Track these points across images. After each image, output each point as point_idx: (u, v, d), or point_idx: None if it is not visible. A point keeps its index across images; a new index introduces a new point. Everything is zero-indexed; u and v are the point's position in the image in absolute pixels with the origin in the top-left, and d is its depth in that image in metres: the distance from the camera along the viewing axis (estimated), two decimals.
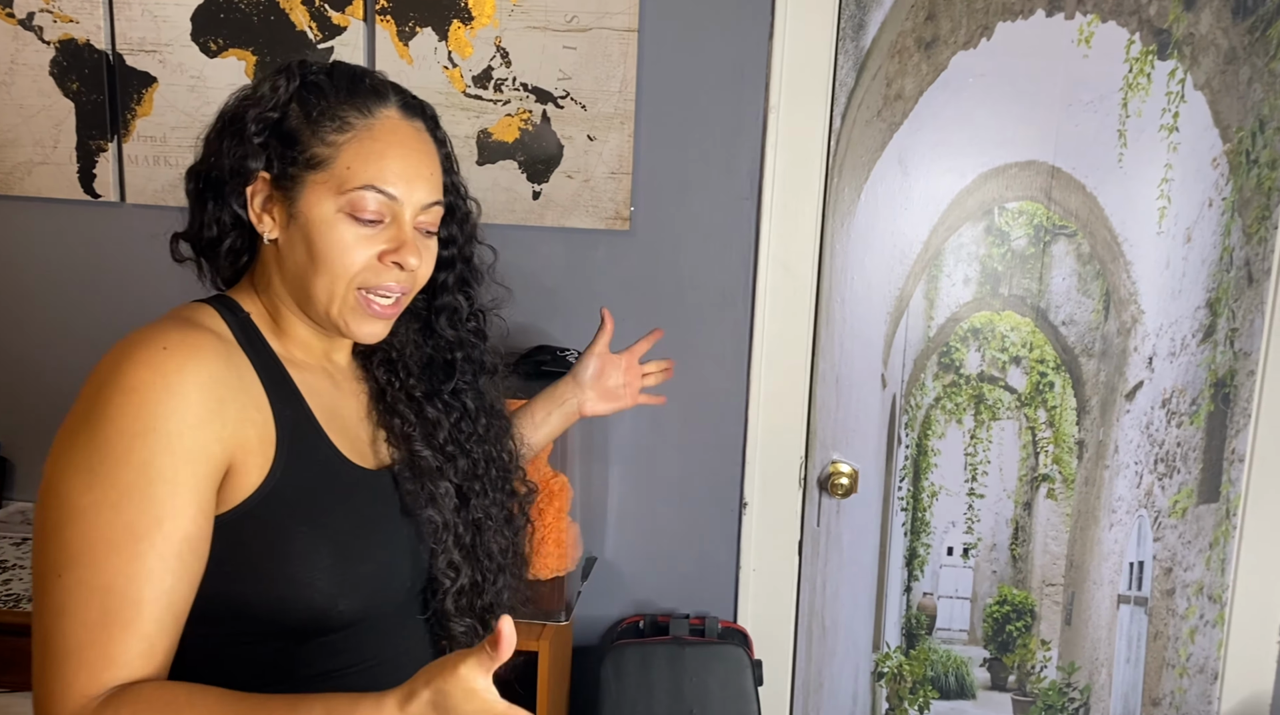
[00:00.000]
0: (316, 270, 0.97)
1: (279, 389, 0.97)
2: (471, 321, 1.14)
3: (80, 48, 1.93)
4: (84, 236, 2.01)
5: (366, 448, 1.05)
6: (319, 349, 1.05)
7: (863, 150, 1.94)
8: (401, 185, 0.98)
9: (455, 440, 1.10)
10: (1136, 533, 2.02)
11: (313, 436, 0.98)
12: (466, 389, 1.13)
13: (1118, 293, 1.94)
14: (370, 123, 0.98)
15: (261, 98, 0.98)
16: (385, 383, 1.08)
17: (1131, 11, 1.85)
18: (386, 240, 0.98)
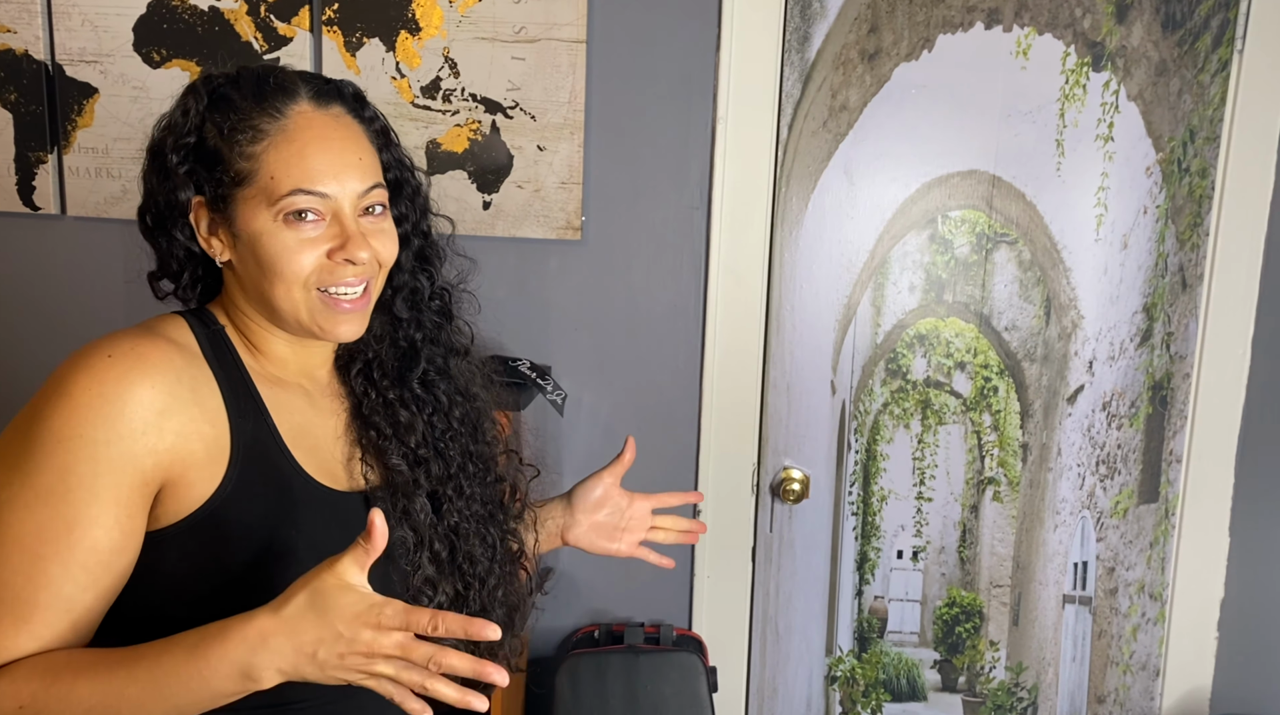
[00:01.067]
0: (271, 281, 0.95)
1: (241, 403, 0.95)
2: (435, 301, 1.10)
3: (18, 58, 1.90)
4: (24, 250, 1.97)
5: (339, 468, 1.02)
6: (295, 365, 1.03)
7: (809, 160, 1.97)
8: (329, 180, 0.95)
9: (429, 441, 1.06)
10: (1080, 533, 2.06)
11: (273, 454, 0.96)
12: (437, 379, 1.09)
13: (1058, 298, 1.99)
14: (283, 124, 0.95)
15: (175, 124, 0.97)
16: (362, 394, 1.05)
17: (1066, 24, 1.90)
18: (331, 238, 0.95)
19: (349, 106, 1.00)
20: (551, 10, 1.85)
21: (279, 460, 0.96)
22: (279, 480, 0.96)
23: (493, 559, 1.09)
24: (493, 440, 1.14)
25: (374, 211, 0.98)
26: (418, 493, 1.03)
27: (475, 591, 1.07)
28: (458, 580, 1.05)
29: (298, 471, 0.97)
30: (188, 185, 0.96)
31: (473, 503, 1.08)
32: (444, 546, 1.05)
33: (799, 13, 1.92)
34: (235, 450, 0.93)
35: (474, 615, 1.03)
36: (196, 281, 1.02)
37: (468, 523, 1.07)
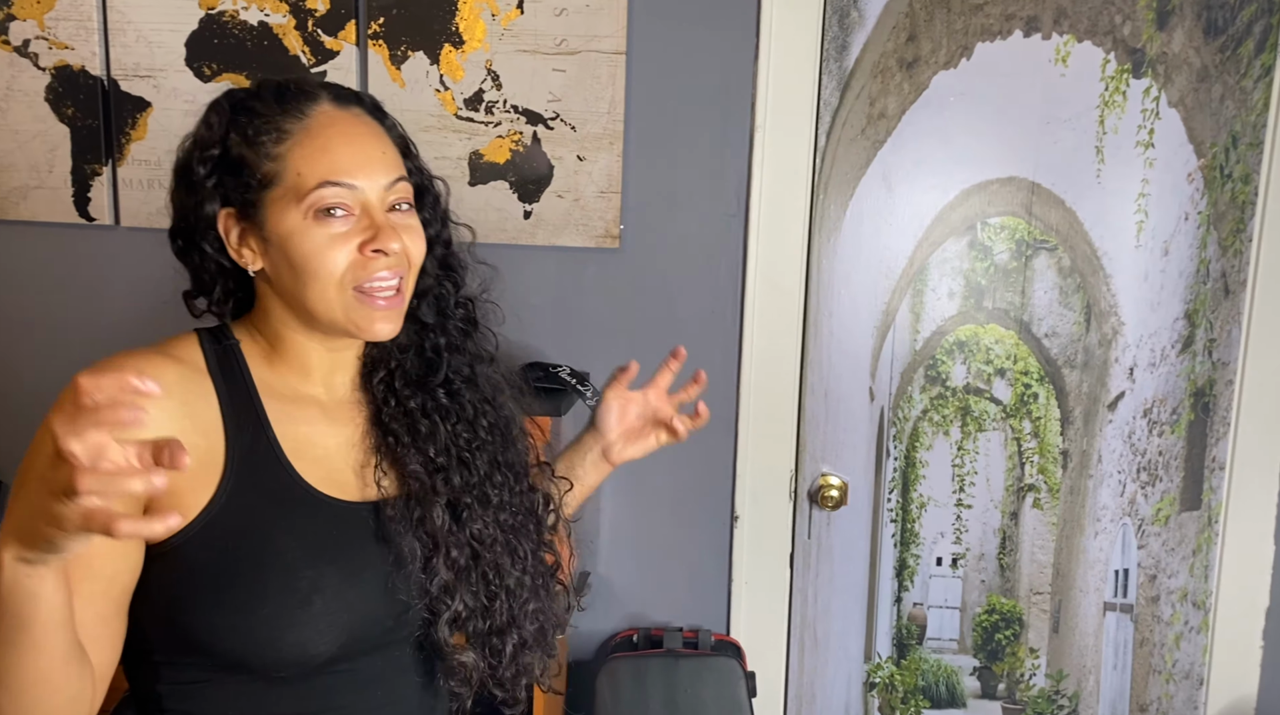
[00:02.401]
0: (304, 282, 0.95)
1: (242, 418, 0.96)
2: (460, 309, 1.09)
3: (75, 74, 1.95)
4: (79, 260, 2.03)
5: (350, 477, 1.01)
6: (320, 374, 1.02)
7: (847, 168, 1.98)
8: (355, 172, 0.95)
9: (452, 450, 1.04)
10: (1121, 541, 2.05)
11: (270, 465, 0.96)
12: (463, 387, 1.07)
13: (1098, 305, 1.98)
14: (306, 123, 0.95)
15: (201, 139, 0.98)
16: (382, 401, 1.04)
17: (1106, 31, 1.89)
18: (361, 231, 0.95)
19: (368, 109, 1.01)
20: (592, 23, 1.88)
21: (276, 470, 0.96)
22: (276, 490, 0.95)
23: (524, 571, 1.06)
24: (524, 449, 1.12)
25: (401, 208, 0.98)
26: (435, 501, 1.01)
27: (502, 603, 1.03)
28: (481, 590, 1.02)
29: (296, 481, 0.97)
30: (215, 197, 0.96)
31: (500, 512, 1.05)
32: (463, 554, 1.02)
33: (837, 22, 1.93)
34: (230, 462, 0.94)
35: (502, 628, 1.03)
36: (229, 296, 1.02)
37: (493, 532, 1.04)
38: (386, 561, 0.99)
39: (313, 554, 0.95)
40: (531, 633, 1.06)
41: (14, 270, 2.04)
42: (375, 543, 0.99)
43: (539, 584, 1.08)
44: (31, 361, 2.06)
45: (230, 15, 1.92)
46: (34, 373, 2.06)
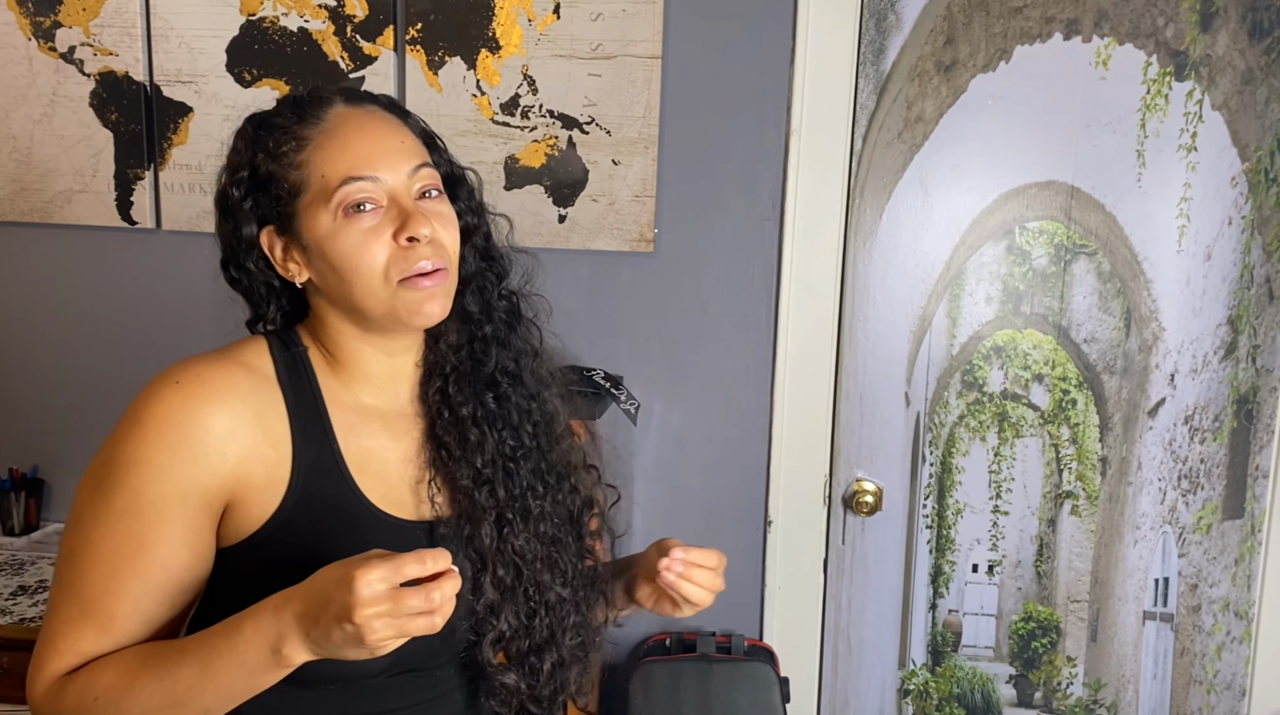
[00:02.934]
0: (350, 281, 0.95)
1: (308, 428, 0.96)
2: (503, 301, 1.07)
3: (119, 79, 1.98)
4: (121, 263, 2.06)
5: (407, 493, 1.01)
6: (381, 381, 1.02)
7: (884, 171, 1.97)
8: (377, 163, 0.95)
9: (498, 460, 1.03)
10: (1161, 549, 2.02)
11: (334, 479, 0.97)
12: (509, 389, 1.05)
13: (1138, 310, 1.96)
14: (323, 126, 0.97)
15: (231, 164, 1.00)
16: (436, 413, 1.03)
17: (1149, 34, 1.87)
18: (392, 221, 0.95)
19: (383, 106, 1.01)
20: (628, 27, 1.88)
21: (340, 485, 0.97)
22: (338, 505, 0.96)
23: (564, 584, 1.04)
24: (568, 449, 1.10)
25: (430, 195, 0.98)
26: (484, 517, 1.00)
27: (541, 620, 1.02)
28: (522, 608, 1.01)
29: (358, 497, 0.97)
30: (252, 218, 0.97)
31: (540, 523, 1.04)
32: (509, 572, 1.01)
33: (874, 25, 1.92)
34: (295, 474, 0.95)
35: (541, 646, 1.02)
36: (285, 315, 1.03)
37: (534, 547, 1.03)
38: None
39: None
40: (570, 649, 1.04)
41: (59, 272, 2.08)
42: None
43: (578, 596, 1.06)
44: (75, 361, 2.09)
45: (270, 21, 1.94)
46: (78, 372, 2.09)
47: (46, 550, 1.99)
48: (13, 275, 2.08)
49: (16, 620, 1.70)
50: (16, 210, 2.03)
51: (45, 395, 2.10)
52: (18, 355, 2.10)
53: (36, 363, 2.10)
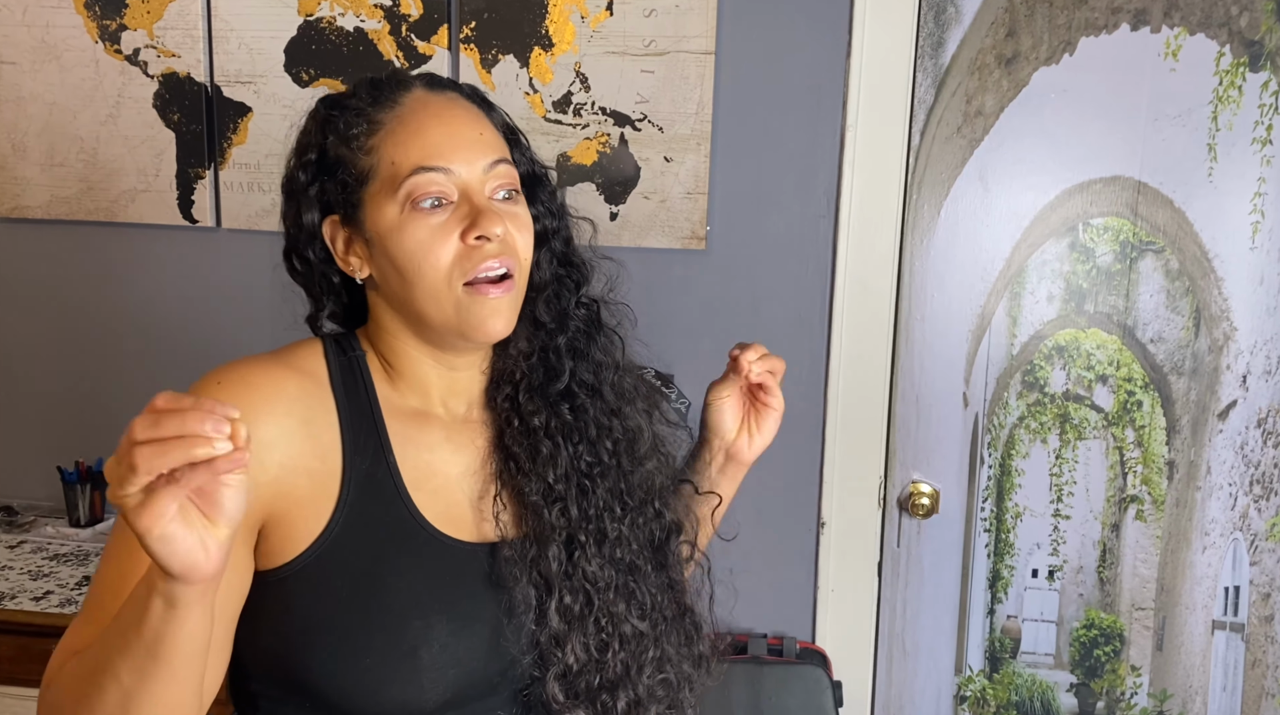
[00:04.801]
0: (411, 283, 0.88)
1: (360, 438, 0.89)
2: (582, 309, 0.99)
3: (181, 81, 2.02)
4: (182, 261, 2.10)
5: (467, 511, 0.93)
6: (439, 391, 0.95)
7: (942, 167, 1.93)
8: (451, 154, 0.88)
9: (572, 477, 0.94)
10: (1231, 556, 1.95)
11: (388, 495, 0.89)
12: (587, 401, 0.97)
13: (1208, 309, 1.89)
14: (398, 111, 0.90)
15: (299, 146, 0.94)
16: (505, 422, 0.95)
17: (1221, 23, 1.81)
18: (461, 219, 0.87)
19: (465, 94, 0.94)
20: (681, 23, 1.86)
21: (394, 503, 0.89)
22: (391, 525, 0.88)
23: (641, 615, 0.94)
24: (654, 470, 1.00)
25: (506, 196, 0.91)
26: (552, 538, 0.91)
27: (615, 654, 0.91)
28: (592, 639, 0.91)
29: (414, 516, 0.89)
30: (316, 204, 0.91)
31: (616, 548, 0.94)
32: (577, 600, 0.91)
33: (933, 18, 1.88)
34: (345, 489, 0.87)
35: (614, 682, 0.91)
36: (346, 311, 0.97)
37: (609, 573, 0.93)
38: (499, 609, 0.90)
39: (423, 602, 0.87)
40: (649, 688, 0.94)
41: (124, 270, 2.13)
42: (488, 588, 0.90)
43: (660, 630, 0.96)
44: (137, 358, 2.14)
45: (327, 22, 1.96)
46: (141, 367, 2.14)
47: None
48: (80, 273, 2.14)
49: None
50: (83, 209, 2.08)
51: (110, 389, 2.15)
52: (84, 350, 2.15)
53: (101, 357, 2.15)
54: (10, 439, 2.21)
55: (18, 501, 2.19)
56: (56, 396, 2.17)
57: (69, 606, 1.75)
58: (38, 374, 2.18)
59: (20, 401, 2.19)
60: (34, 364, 2.18)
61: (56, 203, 2.09)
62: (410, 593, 0.87)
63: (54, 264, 2.14)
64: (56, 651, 0.83)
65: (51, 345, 2.16)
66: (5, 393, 2.20)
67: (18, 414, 2.20)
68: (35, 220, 2.11)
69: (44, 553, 1.97)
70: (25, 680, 1.73)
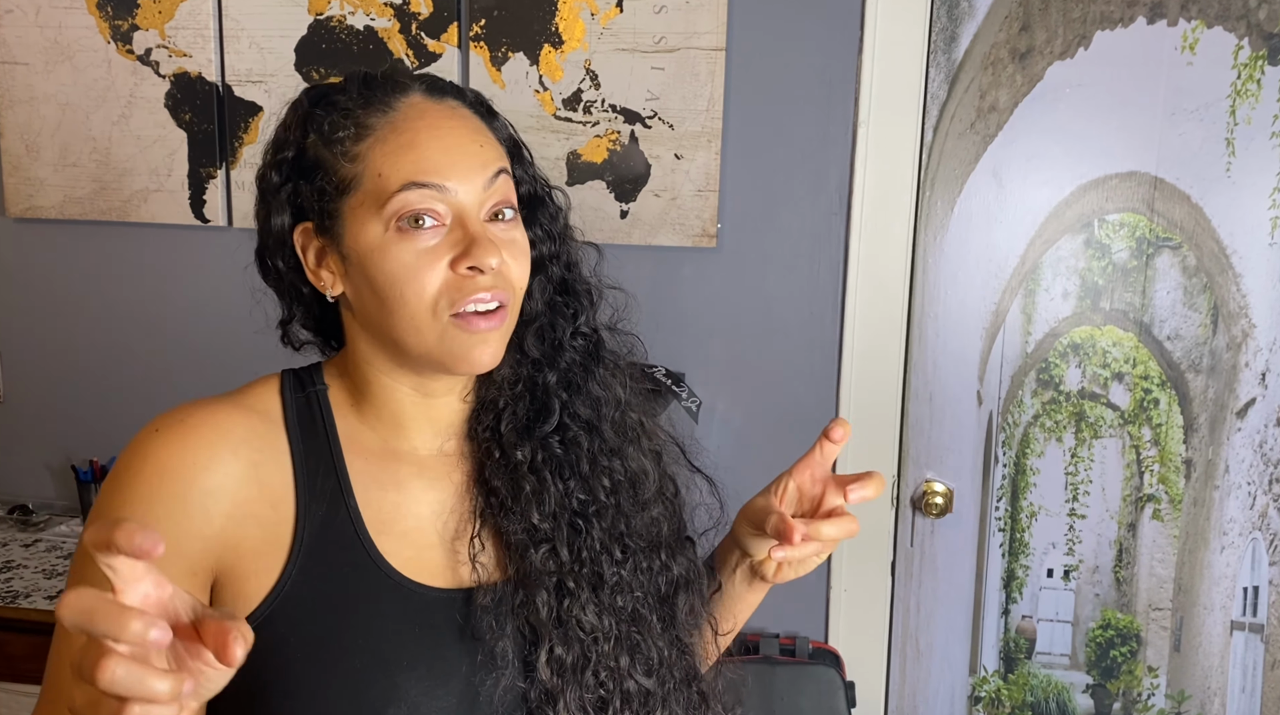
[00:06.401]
0: (391, 310, 0.79)
1: (317, 482, 0.82)
2: (578, 339, 0.90)
3: (193, 80, 2.03)
4: (194, 259, 2.11)
5: (440, 553, 0.84)
6: (413, 423, 0.86)
7: (955, 163, 1.91)
8: (447, 171, 0.79)
9: (562, 517, 0.86)
10: (1250, 556, 1.93)
11: (347, 542, 0.81)
12: (581, 436, 0.88)
13: (1227, 306, 1.87)
14: (391, 117, 0.81)
15: (276, 141, 0.85)
16: (484, 455, 0.87)
17: (1239, 16, 1.78)
18: (453, 245, 0.79)
19: (468, 103, 0.85)
20: (691, 19, 1.85)
21: (353, 549, 0.81)
22: (351, 574, 0.80)
23: (646, 673, 0.85)
24: (663, 516, 0.92)
25: (503, 217, 0.82)
26: (541, 583, 0.83)
27: (616, 712, 0.84)
28: (589, 695, 0.83)
29: (377, 563, 0.81)
30: (287, 208, 0.82)
31: (617, 595, 0.85)
32: (570, 651, 0.82)
33: (946, 13, 1.86)
34: (299, 537, 0.80)
35: None
36: (319, 322, 0.90)
37: (606, 622, 0.84)
38: (474, 664, 0.81)
39: (389, 661, 0.79)
40: None
41: (135, 269, 2.14)
42: (463, 640, 0.81)
43: (669, 689, 0.86)
44: (150, 358, 2.15)
45: (338, 20, 1.96)
46: (154, 365, 2.15)
47: None
48: (93, 273, 2.15)
49: None
50: (96, 209, 2.09)
51: (123, 388, 2.16)
52: (97, 349, 2.16)
53: (114, 356, 2.16)
54: (25, 438, 2.22)
55: (33, 501, 2.20)
56: (71, 396, 2.18)
57: None
58: (52, 373, 2.19)
59: (35, 401, 2.20)
60: (48, 364, 2.19)
61: (70, 203, 2.10)
62: (374, 649, 0.79)
63: (68, 264, 2.15)
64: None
65: (65, 345, 2.17)
66: (20, 392, 2.21)
67: (32, 413, 2.21)
68: (49, 220, 2.12)
69: (59, 552, 1.98)
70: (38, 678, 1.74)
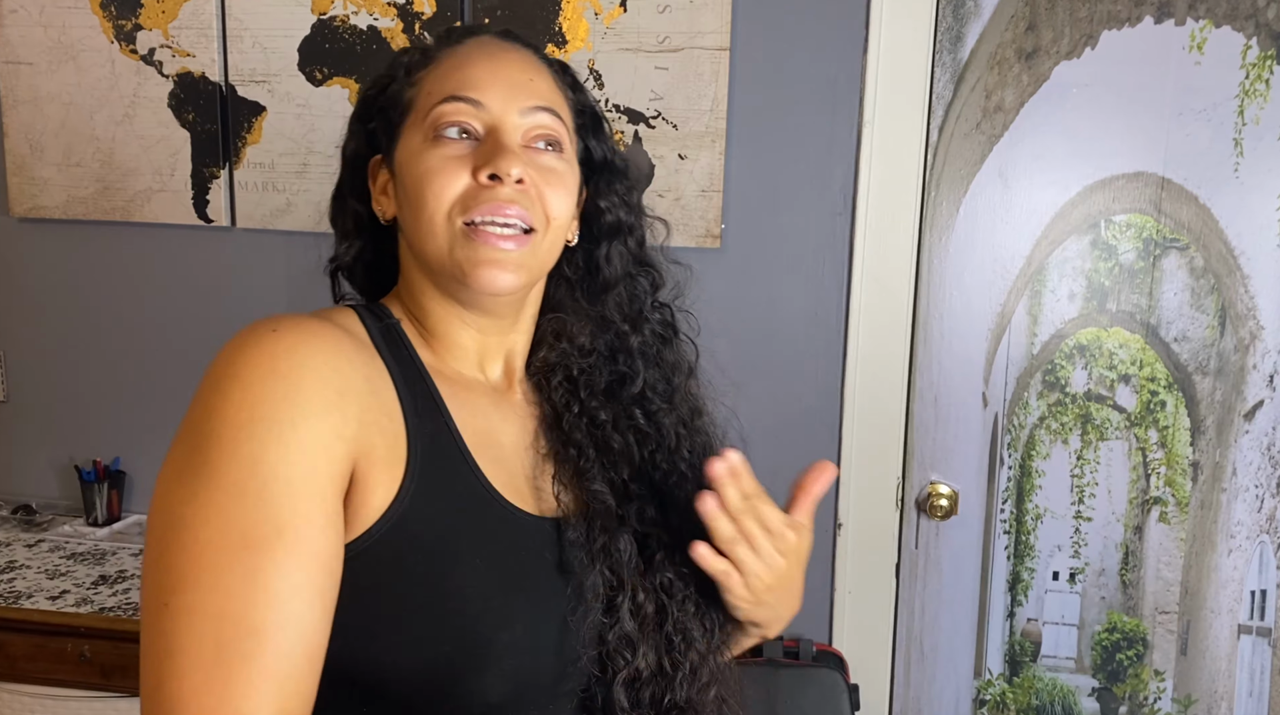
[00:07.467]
0: (414, 215, 0.80)
1: (418, 401, 0.79)
2: (657, 313, 0.93)
3: (196, 80, 2.02)
4: (198, 260, 2.10)
5: (525, 486, 0.84)
6: (474, 354, 0.86)
7: (961, 163, 1.90)
8: (486, 88, 0.80)
9: (645, 476, 0.86)
10: (1258, 559, 1.92)
11: (455, 461, 0.79)
12: (661, 411, 0.89)
13: (1234, 308, 1.86)
14: (456, 49, 0.84)
15: (371, 82, 0.88)
16: (563, 406, 0.86)
17: (1248, 15, 1.77)
18: (479, 155, 0.79)
19: (540, 55, 0.87)
20: (695, 19, 1.85)
21: (461, 469, 0.79)
22: (463, 493, 0.78)
23: (709, 647, 0.85)
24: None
25: (546, 147, 0.82)
26: (621, 531, 0.83)
27: (685, 677, 0.83)
28: (664, 653, 0.82)
29: (483, 485, 0.79)
30: (362, 137, 0.86)
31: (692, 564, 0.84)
32: (651, 603, 0.82)
33: (951, 12, 1.85)
34: (413, 454, 0.76)
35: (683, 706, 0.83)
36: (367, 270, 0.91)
37: (686, 588, 0.84)
38: (567, 596, 0.80)
39: (505, 580, 0.77)
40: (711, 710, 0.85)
41: (139, 269, 2.13)
42: (557, 571, 0.81)
43: (722, 668, 0.87)
44: (153, 358, 2.15)
45: (341, 20, 1.96)
46: (157, 366, 2.15)
47: (127, 540, 2.04)
48: (96, 272, 2.14)
49: (98, 609, 1.74)
50: (99, 209, 2.09)
51: (127, 388, 2.16)
52: (100, 350, 2.16)
53: (118, 357, 2.16)
54: (28, 438, 2.22)
55: (36, 500, 2.20)
56: (74, 395, 2.18)
57: (85, 606, 1.76)
58: (56, 374, 2.19)
59: (38, 401, 2.20)
60: (52, 364, 2.19)
61: (73, 203, 2.09)
62: (490, 569, 0.77)
63: (71, 264, 2.15)
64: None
65: (69, 345, 2.17)
66: (24, 392, 2.21)
67: (36, 413, 2.21)
68: (52, 220, 2.12)
69: (61, 552, 1.98)
70: (40, 678, 1.74)
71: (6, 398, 2.22)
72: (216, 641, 0.65)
